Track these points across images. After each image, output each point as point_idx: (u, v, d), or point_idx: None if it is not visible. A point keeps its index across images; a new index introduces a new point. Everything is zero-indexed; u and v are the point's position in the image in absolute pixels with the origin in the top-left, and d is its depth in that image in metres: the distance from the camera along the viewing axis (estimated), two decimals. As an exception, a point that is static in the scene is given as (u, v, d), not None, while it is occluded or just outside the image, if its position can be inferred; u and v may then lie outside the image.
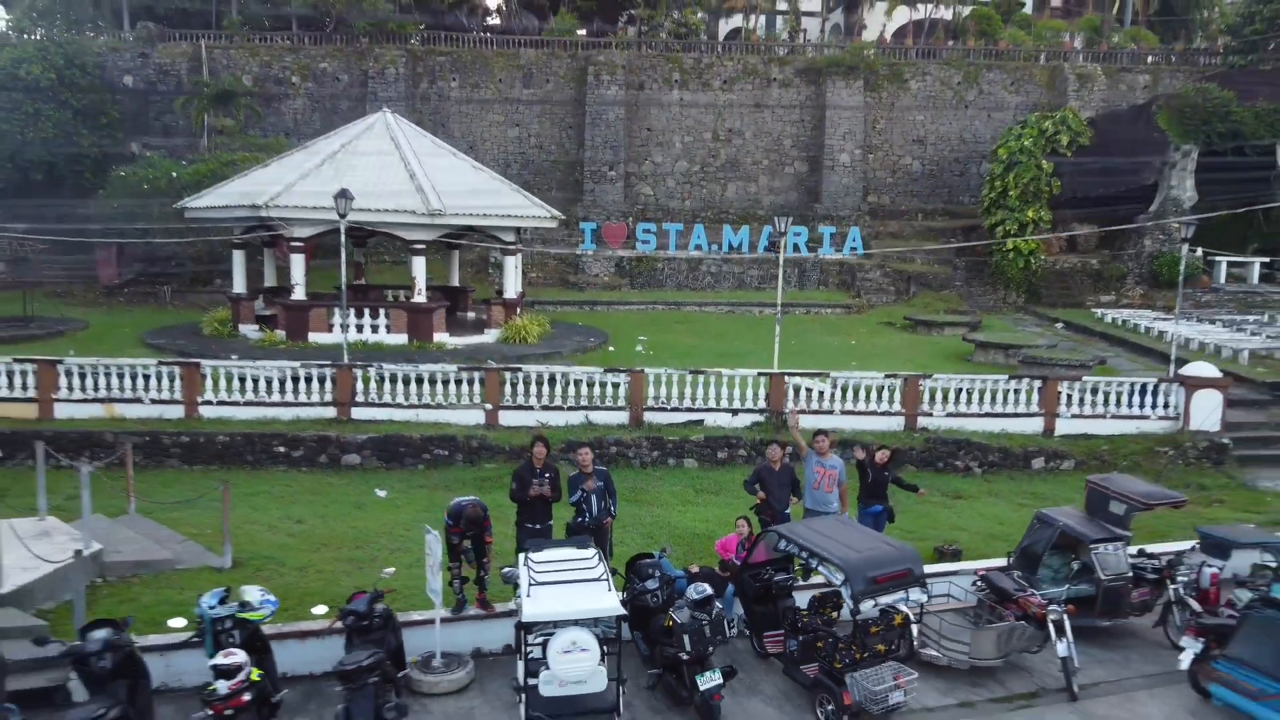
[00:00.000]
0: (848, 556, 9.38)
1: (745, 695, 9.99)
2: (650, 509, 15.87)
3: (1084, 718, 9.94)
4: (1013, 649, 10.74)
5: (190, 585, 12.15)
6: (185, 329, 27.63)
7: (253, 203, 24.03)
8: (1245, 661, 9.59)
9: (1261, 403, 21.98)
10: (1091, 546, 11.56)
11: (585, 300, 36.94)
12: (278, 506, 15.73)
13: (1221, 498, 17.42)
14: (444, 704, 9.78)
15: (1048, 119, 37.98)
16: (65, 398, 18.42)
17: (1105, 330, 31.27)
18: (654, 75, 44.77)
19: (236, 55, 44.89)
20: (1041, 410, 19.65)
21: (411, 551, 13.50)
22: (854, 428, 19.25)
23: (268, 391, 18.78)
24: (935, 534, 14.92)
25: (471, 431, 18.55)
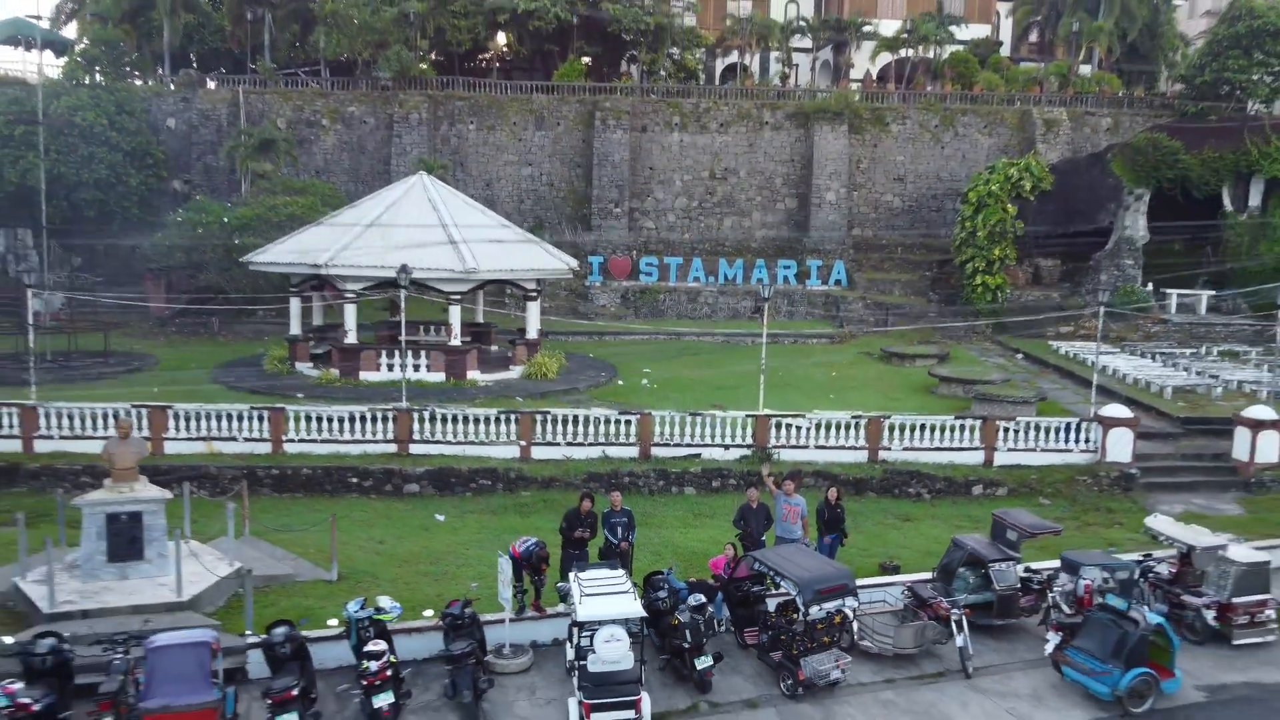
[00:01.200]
0: (801, 575, 13.30)
1: (729, 673, 13.88)
2: (658, 531, 19.77)
3: (973, 689, 13.83)
4: (926, 641, 14.63)
5: (311, 594, 16.07)
6: (248, 365, 31.51)
7: (313, 261, 27.96)
8: (1084, 649, 13.52)
9: (1173, 435, 25.90)
10: (991, 565, 15.48)
11: (594, 330, 40.82)
12: (359, 529, 19.61)
13: (1121, 520, 21.29)
14: (514, 680, 13.68)
15: (1013, 166, 41.91)
16: (173, 436, 22.29)
17: (1058, 362, 35.20)
18: (656, 119, 48.70)
19: (271, 100, 48.81)
20: (982, 445, 23.57)
21: (473, 567, 17.44)
22: (826, 460, 23.22)
23: (339, 430, 22.68)
24: (883, 551, 18.82)
25: (509, 464, 22.46)
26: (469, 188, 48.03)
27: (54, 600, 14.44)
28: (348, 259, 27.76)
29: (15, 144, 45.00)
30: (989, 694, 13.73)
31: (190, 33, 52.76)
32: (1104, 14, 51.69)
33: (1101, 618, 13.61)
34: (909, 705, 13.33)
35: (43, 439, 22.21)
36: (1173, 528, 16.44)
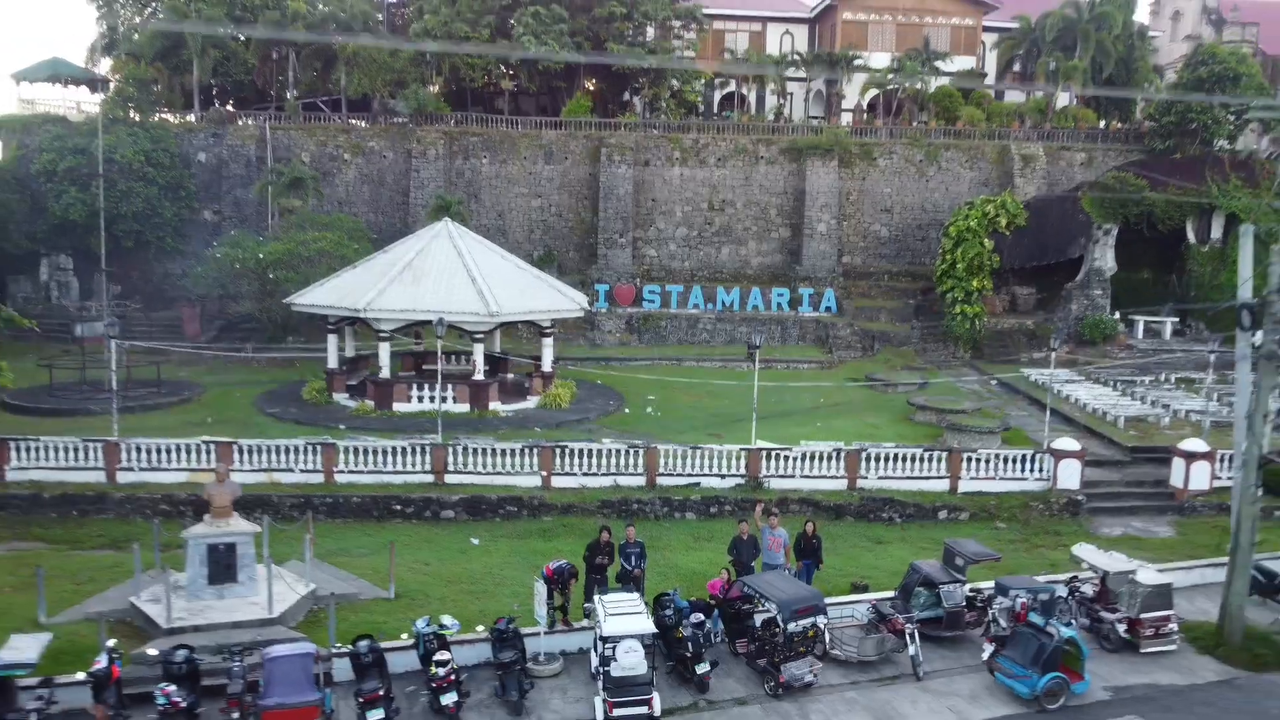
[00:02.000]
0: (781, 597, 16.48)
1: (723, 677, 17.03)
2: (664, 553, 22.92)
3: (922, 690, 16.98)
4: (885, 650, 17.80)
5: (375, 611, 19.22)
6: (289, 395, 34.67)
7: (353, 305, 31.16)
8: (1011, 657, 16.69)
9: (1120, 463, 29.10)
10: (941, 586, 18.65)
11: (601, 356, 43.92)
12: (406, 552, 22.71)
13: (1066, 542, 24.39)
14: (549, 682, 16.83)
15: (990, 202, 45.12)
16: (238, 468, 25.43)
17: (1028, 389, 38.37)
18: (657, 153, 51.87)
19: (296, 135, 51.98)
20: (948, 474, 26.76)
21: (508, 586, 20.61)
22: (810, 488, 26.42)
23: (383, 462, 25.84)
24: (855, 571, 21.99)
25: (533, 492, 25.64)
26: (482, 218, 51.31)
27: (170, 617, 17.59)
28: (384, 304, 30.92)
29: (59, 179, 48.26)
30: (935, 694, 16.89)
31: (217, 66, 55.83)
32: (1080, 52, 54.90)
33: (1025, 631, 16.79)
34: (869, 703, 16.50)
35: (124, 471, 25.35)
36: (1094, 555, 19.61)
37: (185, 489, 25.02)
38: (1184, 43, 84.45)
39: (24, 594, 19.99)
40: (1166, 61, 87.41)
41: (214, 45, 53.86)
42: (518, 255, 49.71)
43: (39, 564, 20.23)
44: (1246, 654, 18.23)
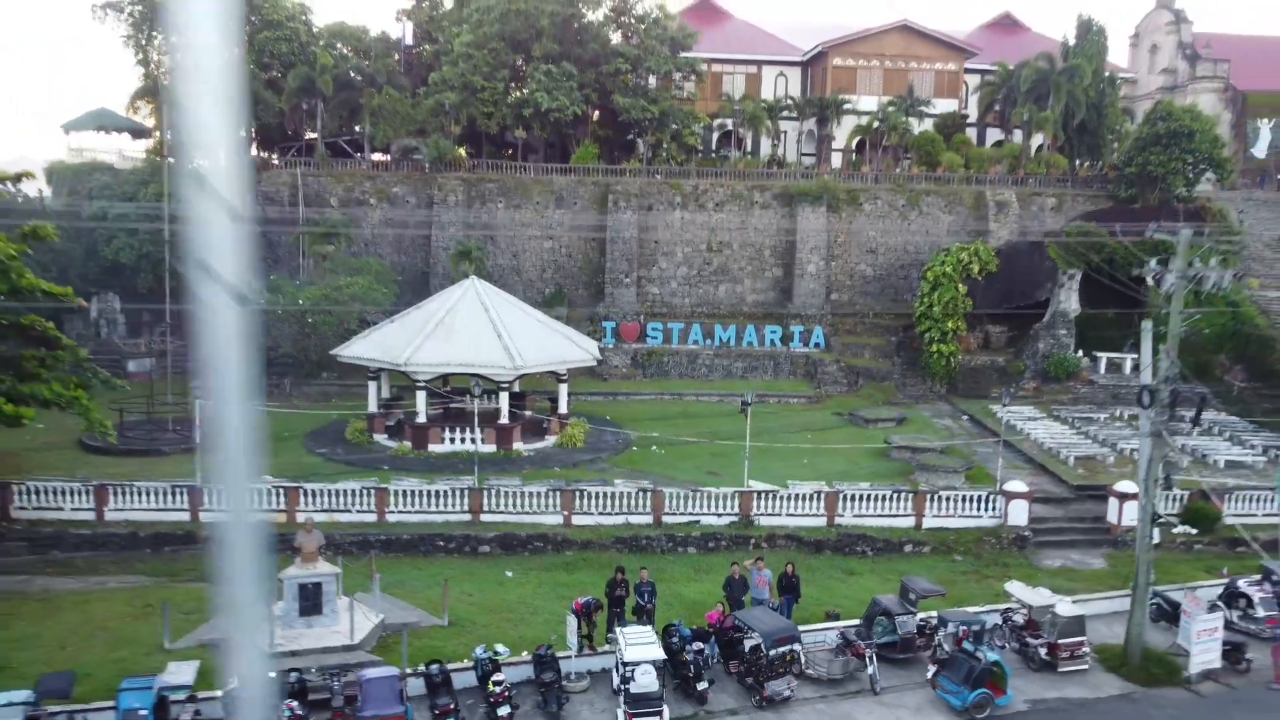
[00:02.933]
0: (764, 628, 20.72)
1: (719, 692, 21.24)
2: (669, 584, 27.10)
3: (878, 703, 21.20)
4: (850, 670, 22.02)
5: (435, 636, 23.43)
6: (334, 435, 38.87)
7: (394, 359, 35.42)
8: (948, 676, 20.93)
9: (1065, 500, 33.35)
10: (896, 616, 22.87)
11: (609, 390, 48.16)
12: (452, 584, 26.86)
13: (1012, 573, 28.63)
14: (579, 697, 21.03)
15: (964, 250, 49.38)
16: (304, 509, 29.64)
17: (995, 426, 42.51)
18: (660, 198, 56.12)
19: (326, 182, 56.21)
20: (913, 512, 30.99)
21: (540, 615, 24.80)
22: (795, 524, 30.64)
23: (427, 503, 30.05)
24: (830, 600, 26.21)
25: (556, 530, 29.85)
26: (498, 258, 55.57)
27: (273, 642, 21.79)
28: (421, 358, 35.16)
29: (109, 225, 52.47)
30: (888, 706, 21.14)
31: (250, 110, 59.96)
32: (1052, 102, 59.18)
33: (959, 655, 21.04)
34: (834, 713, 20.74)
35: (206, 511, 29.55)
36: (1022, 591, 23.86)
37: (259, 527, 29.18)
38: (1161, 75, 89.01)
39: (142, 622, 24.23)
40: (1144, 92, 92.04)
41: (251, 97, 57.92)
42: (531, 293, 54.32)
43: (155, 598, 24.49)
44: (1144, 672, 22.47)
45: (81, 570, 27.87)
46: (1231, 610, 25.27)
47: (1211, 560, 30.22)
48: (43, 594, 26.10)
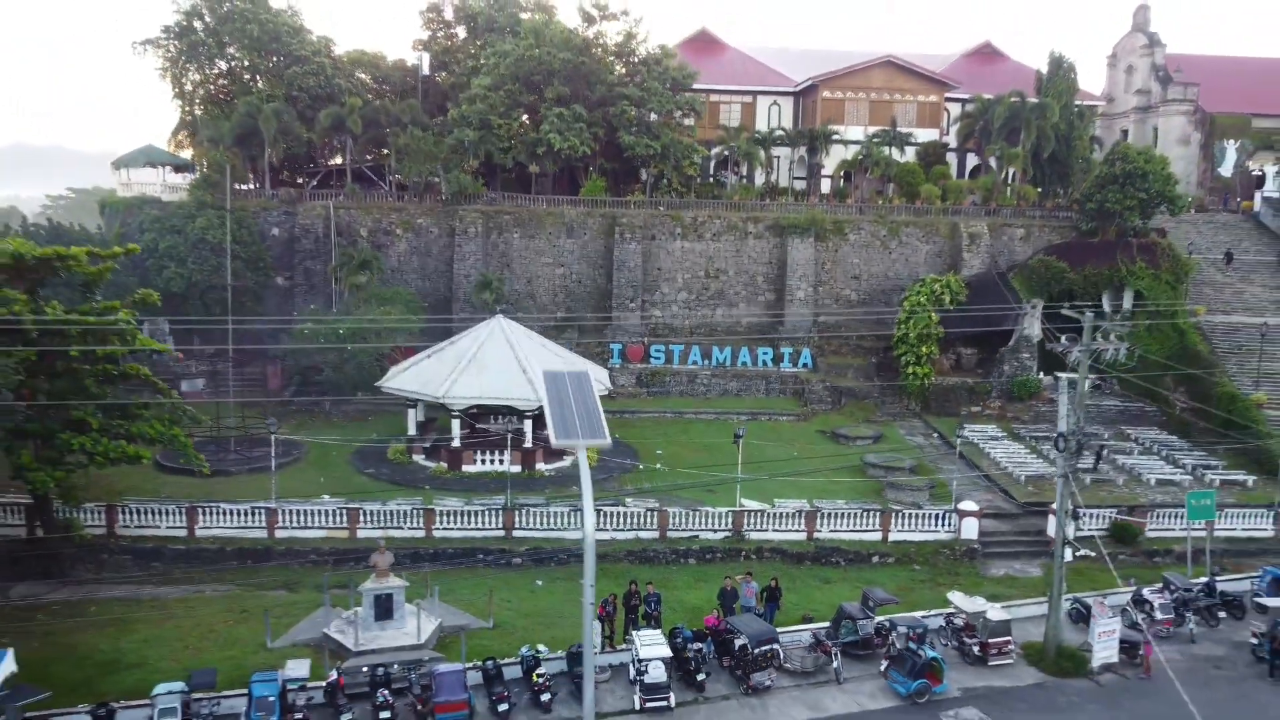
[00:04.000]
0: (749, 631, 26.14)
1: (714, 682, 26.62)
2: (673, 591, 32.47)
3: (841, 690, 26.57)
4: (820, 664, 27.40)
5: (484, 637, 28.79)
6: (376, 455, 44.15)
7: (433, 392, 40.73)
8: (896, 669, 26.34)
9: (1013, 516, 38.73)
10: (858, 621, 28.26)
11: (617, 409, 53.26)
12: (491, 591, 32.29)
13: (962, 581, 34.05)
14: (603, 686, 26.36)
15: (937, 281, 54.65)
16: (364, 526, 34.98)
17: (962, 446, 47.83)
18: (662, 229, 61.30)
19: (356, 214, 61.32)
20: (880, 527, 36.37)
21: (568, 618, 30.13)
22: (780, 539, 36.02)
23: (467, 521, 35.39)
24: (807, 605, 31.58)
25: (576, 544, 35.16)
26: (514, 284, 60.75)
27: (357, 642, 27.17)
28: (456, 391, 40.47)
29: (159, 256, 57.59)
30: (849, 693, 26.53)
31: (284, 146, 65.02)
32: (1023, 138, 64.32)
33: (905, 652, 26.44)
34: (805, 699, 26.14)
35: (281, 529, 34.89)
36: (960, 600, 29.25)
37: (326, 543, 34.64)
38: (1136, 95, 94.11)
39: (242, 625, 29.63)
40: (1121, 110, 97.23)
41: (283, 132, 62.98)
42: (544, 316, 59.54)
43: (248, 605, 29.87)
44: (1057, 665, 27.86)
45: (180, 580, 33.26)
46: (1138, 614, 30.68)
47: (1134, 571, 35.54)
48: (153, 601, 31.48)
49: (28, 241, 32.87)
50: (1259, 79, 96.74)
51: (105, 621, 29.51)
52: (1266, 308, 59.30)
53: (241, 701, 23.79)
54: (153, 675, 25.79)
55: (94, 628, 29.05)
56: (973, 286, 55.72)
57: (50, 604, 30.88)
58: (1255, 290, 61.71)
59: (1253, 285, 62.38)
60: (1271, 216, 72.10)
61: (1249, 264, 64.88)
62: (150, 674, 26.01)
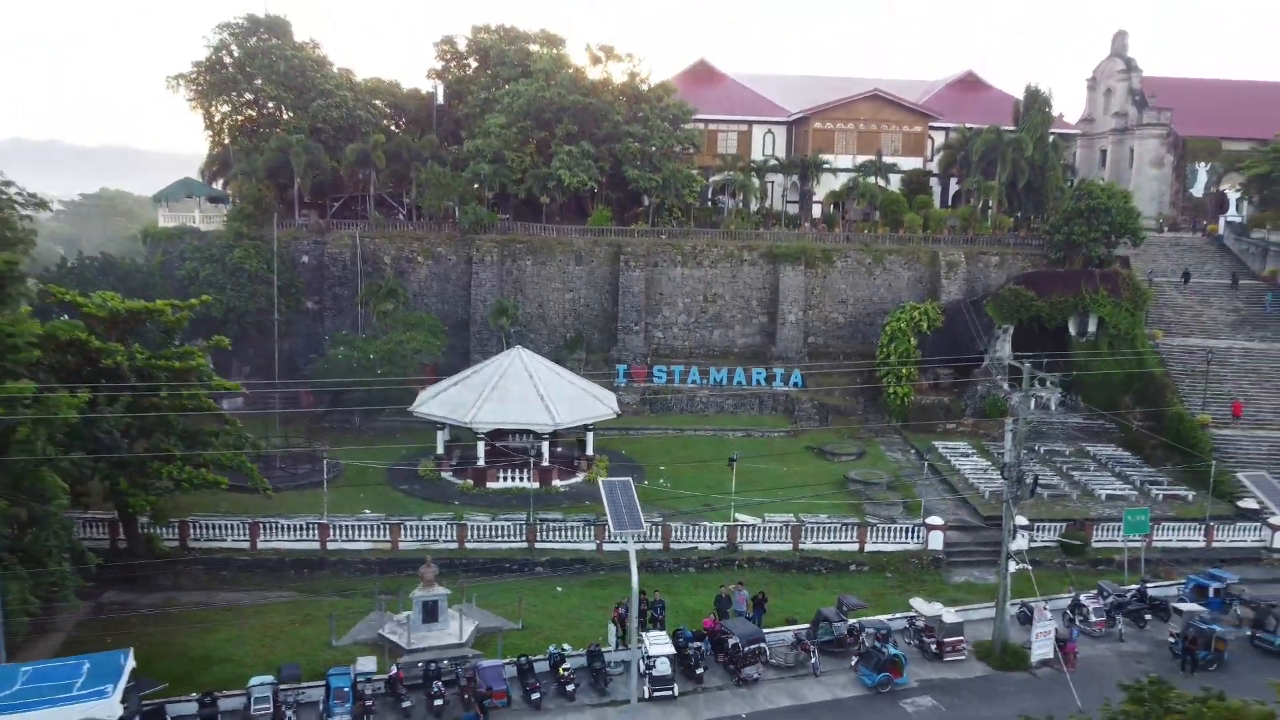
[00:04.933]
0: (740, 633, 31.18)
1: (710, 675, 31.58)
2: (675, 596, 37.41)
3: (818, 682, 31.57)
4: (800, 660, 32.40)
5: (513, 636, 33.77)
6: (408, 473, 49.03)
7: (461, 417, 45.69)
8: (864, 664, 31.34)
9: (976, 528, 43.70)
10: (833, 623, 33.27)
11: (623, 425, 58.15)
12: (516, 597, 37.23)
13: (927, 587, 38.98)
14: (617, 679, 31.29)
15: (916, 309, 59.62)
16: (405, 539, 39.94)
17: (935, 460, 52.86)
18: (664, 257, 66.20)
19: (380, 242, 66.21)
20: (857, 539, 41.34)
21: (586, 620, 35.16)
22: (769, 549, 40.99)
23: (495, 535, 40.33)
24: (791, 609, 36.53)
25: (591, 554, 40.15)
26: (526, 308, 65.65)
27: (409, 642, 32.13)
28: (482, 416, 45.47)
29: (200, 283, 62.44)
30: (824, 684, 31.54)
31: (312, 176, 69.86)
32: (999, 171, 69.22)
33: (872, 650, 31.43)
34: (787, 688, 31.14)
35: (332, 542, 39.83)
36: (921, 605, 34.24)
37: (372, 554, 39.61)
38: (1114, 118, 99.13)
39: (308, 627, 34.56)
40: (1100, 131, 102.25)
41: (312, 165, 67.76)
42: (554, 338, 64.64)
43: (309, 610, 34.83)
44: (1001, 661, 32.86)
45: (247, 587, 38.21)
46: (1075, 616, 35.72)
47: (1080, 578, 40.56)
48: (227, 605, 36.43)
49: (116, 295, 37.60)
50: (1230, 101, 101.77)
51: (190, 624, 34.44)
52: (1222, 330, 64.32)
53: (319, 692, 28.77)
54: (239, 669, 30.80)
55: (181, 629, 33.94)
56: (948, 312, 60.69)
57: (139, 609, 35.78)
58: (1213, 312, 66.67)
59: (1211, 308, 67.34)
60: (1233, 240, 77.08)
61: (1208, 287, 69.86)
62: (237, 668, 30.99)
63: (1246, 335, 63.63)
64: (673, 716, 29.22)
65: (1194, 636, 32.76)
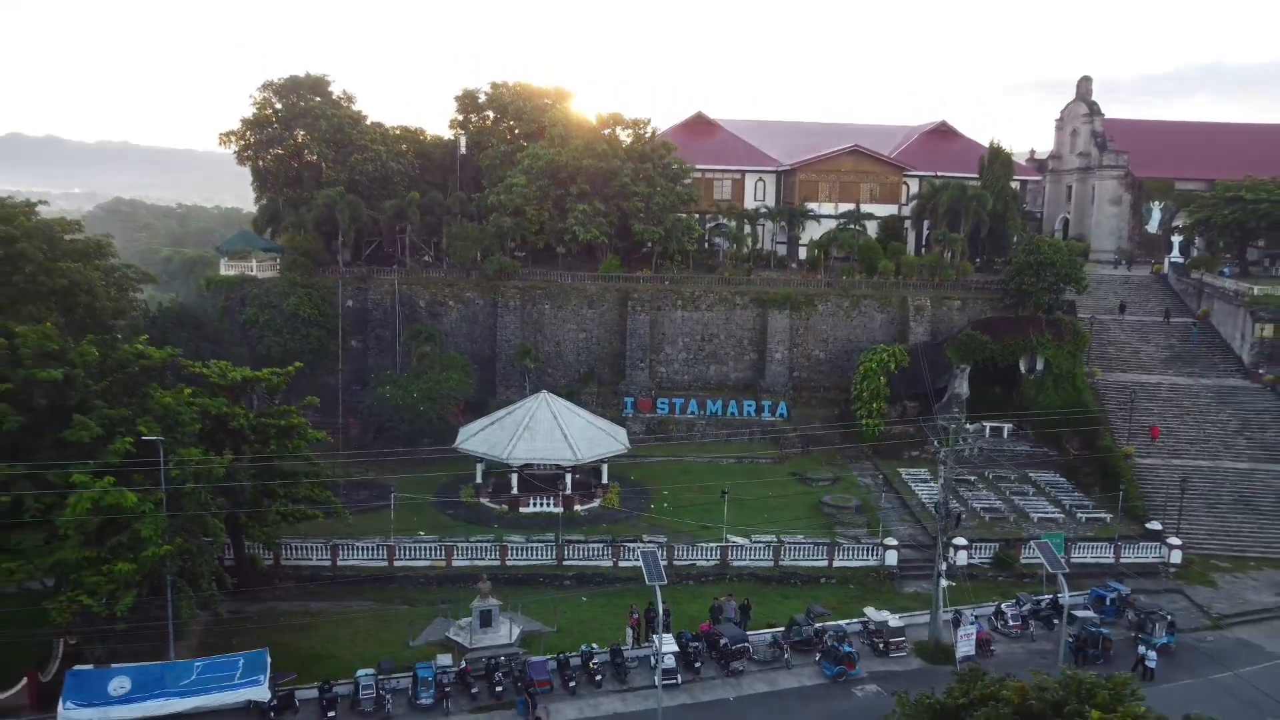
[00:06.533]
0: (730, 634, 40.34)
1: (706, 669, 40.57)
2: (678, 606, 46.31)
3: (789, 673, 40.58)
4: (776, 656, 41.44)
5: (552, 637, 42.79)
6: (451, 500, 58.04)
7: (498, 454, 54.69)
8: (825, 659, 40.39)
9: (928, 546, 52.70)
10: (803, 626, 42.34)
11: (630, 454, 67.14)
12: (550, 606, 46.17)
13: (881, 596, 47.97)
14: (634, 671, 40.37)
15: (885, 350, 68.67)
16: (457, 558, 48.94)
17: (899, 486, 61.89)
18: (666, 301, 75.20)
19: (416, 288, 75.17)
20: (827, 557, 50.38)
21: (608, 624, 44.22)
22: (755, 565, 50.02)
23: (530, 554, 49.33)
24: (770, 615, 45.54)
25: (608, 570, 49.13)
26: (544, 346, 74.60)
27: (471, 642, 41.13)
28: (515, 453, 54.47)
29: (260, 326, 71.37)
30: (794, 674, 40.62)
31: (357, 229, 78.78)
32: (963, 224, 78.27)
33: (832, 648, 40.49)
34: (765, 678, 40.21)
35: (398, 560, 48.80)
36: (873, 613, 43.30)
37: (430, 570, 48.59)
38: (1078, 157, 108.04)
39: (387, 631, 43.50)
40: (1067, 168, 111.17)
41: (354, 219, 76.65)
42: (570, 373, 73.60)
43: (386, 616, 43.88)
44: (933, 657, 41.88)
45: (330, 598, 47.13)
46: (997, 621, 44.78)
47: (1008, 588, 49.50)
48: (320, 613, 45.41)
49: (228, 364, 46.40)
50: (1183, 143, 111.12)
51: (294, 628, 43.44)
52: (1155, 366, 73.33)
53: (407, 681, 37.79)
54: (341, 664, 39.78)
55: (288, 632, 42.91)
56: (914, 353, 69.72)
57: (251, 616, 44.72)
58: (1149, 349, 75.66)
59: (1148, 344, 76.34)
60: (1175, 280, 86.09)
61: (1147, 325, 78.88)
62: (339, 664, 39.98)
63: (1176, 370, 72.65)
64: (678, 699, 38.28)
65: (1085, 638, 41.86)
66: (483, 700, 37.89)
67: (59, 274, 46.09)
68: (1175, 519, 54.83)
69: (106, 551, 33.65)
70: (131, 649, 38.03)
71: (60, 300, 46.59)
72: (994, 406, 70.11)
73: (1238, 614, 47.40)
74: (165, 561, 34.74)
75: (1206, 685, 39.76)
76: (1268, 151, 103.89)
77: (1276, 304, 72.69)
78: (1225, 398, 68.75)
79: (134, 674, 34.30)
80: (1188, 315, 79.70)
